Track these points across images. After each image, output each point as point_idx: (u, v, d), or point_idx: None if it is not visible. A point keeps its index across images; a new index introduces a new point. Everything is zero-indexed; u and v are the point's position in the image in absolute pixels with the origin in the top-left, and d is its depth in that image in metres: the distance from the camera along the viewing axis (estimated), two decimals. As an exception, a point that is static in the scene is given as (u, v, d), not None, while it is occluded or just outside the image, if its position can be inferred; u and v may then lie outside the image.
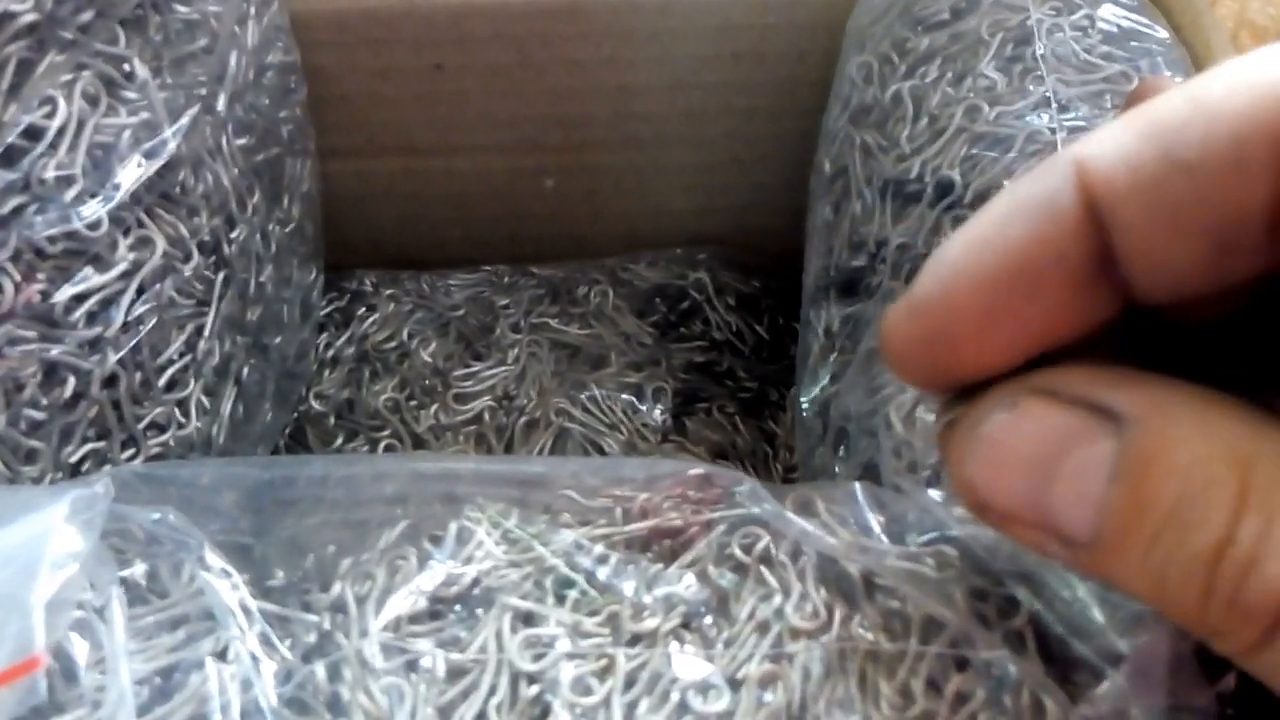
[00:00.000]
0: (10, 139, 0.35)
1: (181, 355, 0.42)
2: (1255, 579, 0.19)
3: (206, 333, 0.43)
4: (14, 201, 0.36)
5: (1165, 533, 0.20)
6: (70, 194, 0.36)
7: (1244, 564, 0.19)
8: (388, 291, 0.61)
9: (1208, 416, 0.21)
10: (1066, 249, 0.22)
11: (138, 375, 0.40)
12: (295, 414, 0.54)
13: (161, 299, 0.40)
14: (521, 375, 0.55)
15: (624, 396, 0.53)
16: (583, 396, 0.53)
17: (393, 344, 0.57)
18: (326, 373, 0.56)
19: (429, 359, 0.56)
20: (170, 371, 0.41)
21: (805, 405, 0.48)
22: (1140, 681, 0.30)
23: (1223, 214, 0.21)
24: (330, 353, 0.57)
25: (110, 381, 0.39)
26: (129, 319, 0.39)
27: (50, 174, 0.36)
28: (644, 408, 0.55)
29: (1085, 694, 0.31)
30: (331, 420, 0.55)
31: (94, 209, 0.37)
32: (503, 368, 0.55)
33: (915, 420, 0.41)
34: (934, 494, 0.39)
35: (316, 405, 0.54)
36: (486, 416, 0.55)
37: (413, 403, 0.54)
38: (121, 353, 0.39)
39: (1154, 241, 0.22)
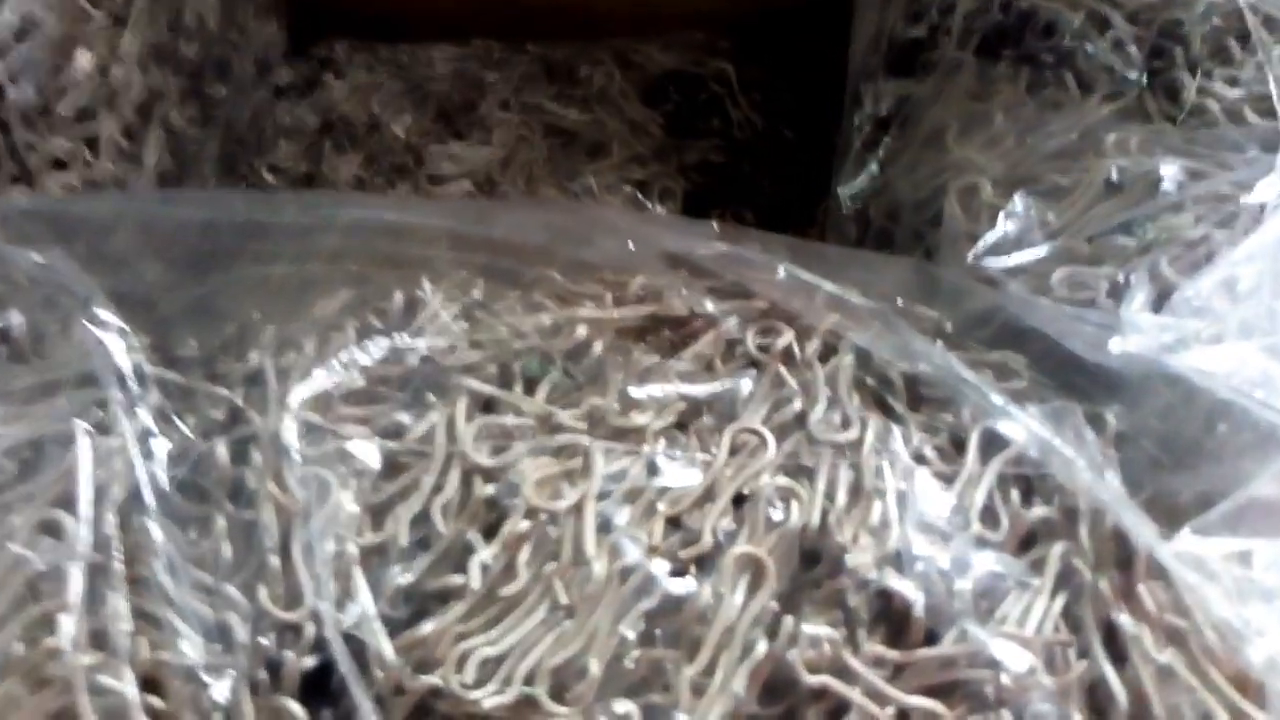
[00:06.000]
0: None
1: (91, 79, 0.35)
2: None
3: (123, 56, 0.36)
4: None
5: None
6: None
7: None
8: (360, 59, 0.54)
9: None
10: None
11: (32, 93, 0.33)
12: (244, 187, 0.48)
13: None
14: (508, 159, 0.49)
15: (625, 189, 0.47)
16: (575, 187, 0.47)
17: (361, 115, 0.50)
18: (283, 143, 0.49)
19: (401, 133, 0.50)
20: (75, 96, 0.35)
21: (845, 198, 0.44)
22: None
23: None
24: (288, 120, 0.50)
25: (-4, 96, 0.32)
26: (22, 18, 0.32)
27: None
28: (648, 206, 0.48)
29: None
30: (286, 196, 0.49)
31: None
32: (486, 149, 0.49)
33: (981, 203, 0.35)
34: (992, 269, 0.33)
35: (269, 178, 0.48)
36: (464, 201, 0.49)
37: (380, 180, 0.48)
38: (11, 61, 0.32)
39: None
